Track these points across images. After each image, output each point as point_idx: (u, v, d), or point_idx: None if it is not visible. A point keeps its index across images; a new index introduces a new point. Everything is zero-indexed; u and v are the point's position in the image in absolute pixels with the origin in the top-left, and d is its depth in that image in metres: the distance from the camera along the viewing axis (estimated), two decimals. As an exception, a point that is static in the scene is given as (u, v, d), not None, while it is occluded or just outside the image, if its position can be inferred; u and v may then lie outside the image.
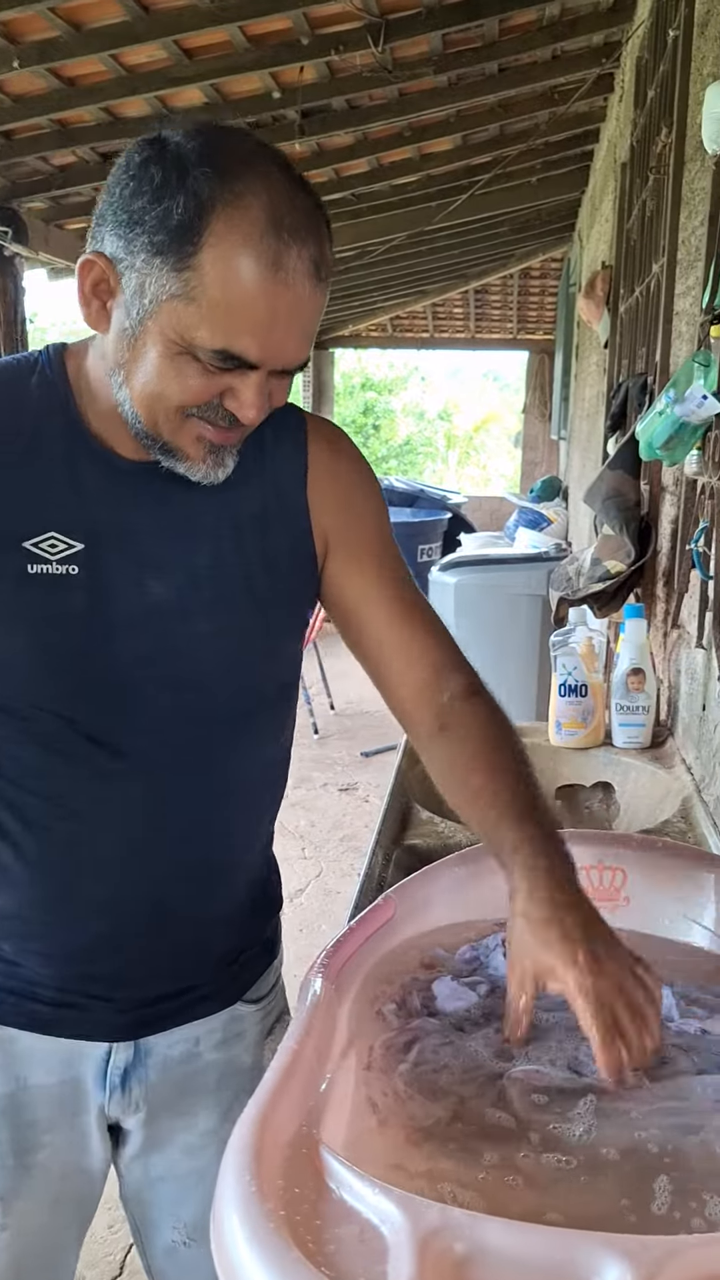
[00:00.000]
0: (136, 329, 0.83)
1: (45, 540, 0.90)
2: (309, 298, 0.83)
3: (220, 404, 0.86)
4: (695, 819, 1.60)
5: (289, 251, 0.80)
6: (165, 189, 0.79)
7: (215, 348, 0.81)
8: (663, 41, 2.45)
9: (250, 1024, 1.13)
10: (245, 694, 1.01)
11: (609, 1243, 0.57)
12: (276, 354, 0.83)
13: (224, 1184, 0.63)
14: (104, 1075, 1.04)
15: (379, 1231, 0.60)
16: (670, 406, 1.54)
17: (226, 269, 0.79)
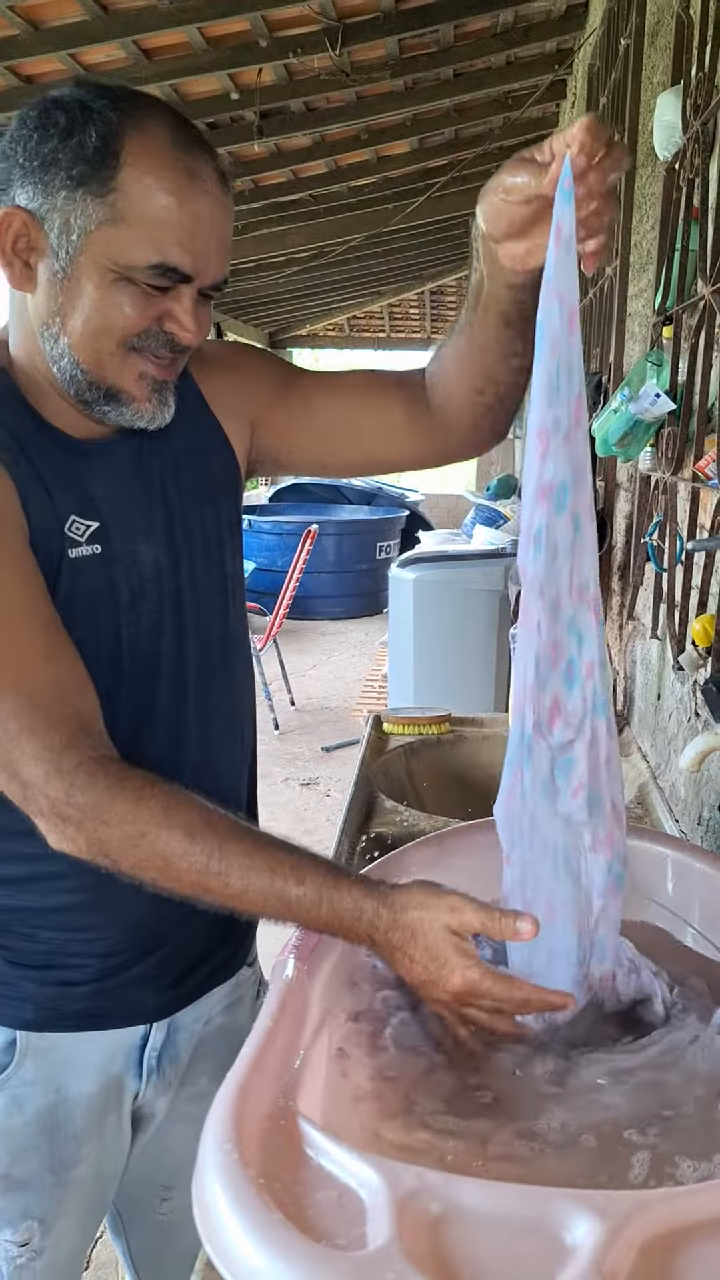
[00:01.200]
0: (68, 268, 0.85)
1: (71, 524, 0.91)
2: (222, 205, 0.86)
3: (160, 329, 0.87)
4: (651, 804, 1.64)
5: (198, 162, 0.84)
6: (72, 126, 0.82)
7: (150, 263, 0.83)
8: (614, 50, 2.50)
9: (248, 987, 1.16)
10: (232, 637, 1.06)
11: (578, 1198, 0.60)
12: (204, 264, 0.86)
13: (205, 1153, 0.65)
14: (140, 1062, 1.04)
15: (357, 1195, 0.62)
16: (625, 405, 1.58)
17: (148, 184, 0.82)
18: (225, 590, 1.05)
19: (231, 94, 3.77)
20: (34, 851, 0.86)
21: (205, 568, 1.02)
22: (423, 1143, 0.78)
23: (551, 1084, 0.84)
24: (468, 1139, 0.77)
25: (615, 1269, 0.55)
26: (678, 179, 1.56)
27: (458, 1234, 0.59)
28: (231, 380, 1.06)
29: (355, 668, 6.81)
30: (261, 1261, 0.56)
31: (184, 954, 1.05)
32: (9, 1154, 0.99)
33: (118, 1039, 1.03)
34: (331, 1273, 0.55)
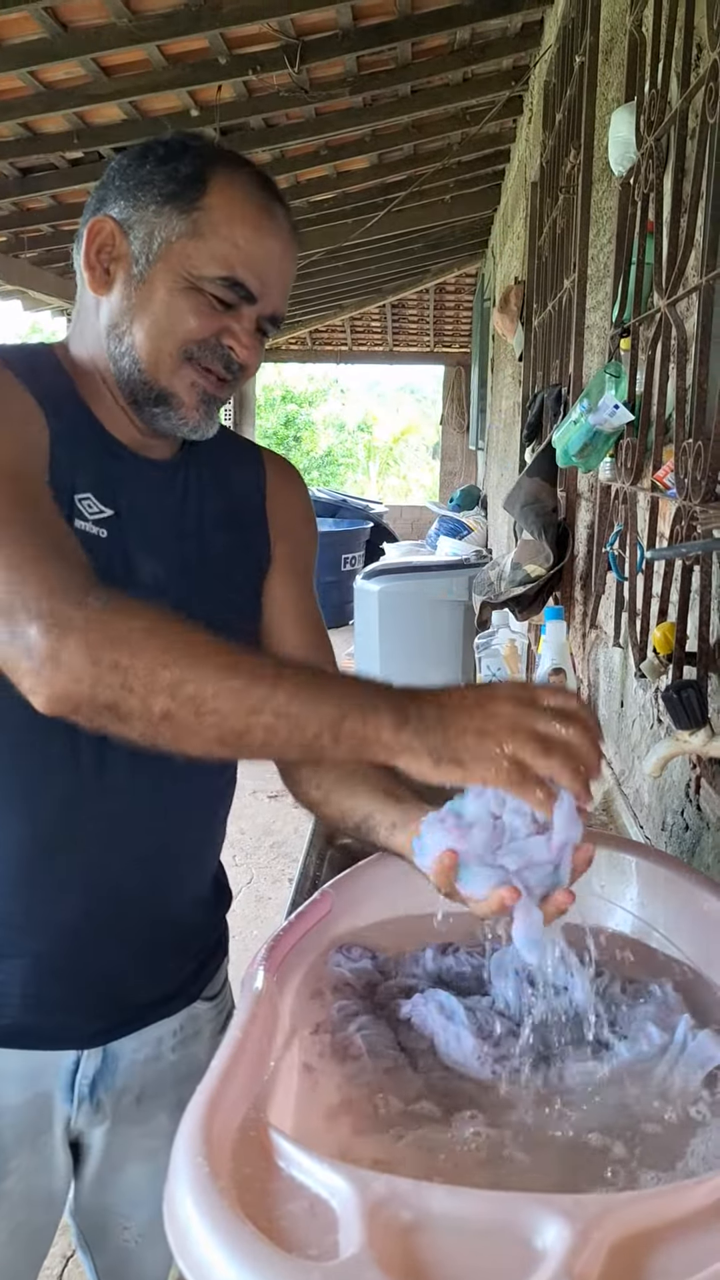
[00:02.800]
0: (146, 273, 0.93)
1: (84, 499, 0.95)
2: (290, 249, 0.96)
3: (219, 343, 0.94)
4: (616, 810, 1.66)
5: (276, 205, 0.95)
6: (170, 155, 0.93)
7: (221, 274, 0.92)
8: (569, 67, 2.54)
9: (206, 1021, 1.14)
10: None
11: (547, 1203, 0.60)
12: (268, 291, 0.94)
13: (177, 1167, 0.65)
14: (72, 1086, 1.04)
15: (328, 1204, 0.62)
16: (584, 416, 1.60)
17: (231, 207, 0.92)
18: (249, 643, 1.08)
19: (191, 110, 3.79)
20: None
21: (223, 622, 0.95)
22: (394, 1154, 0.78)
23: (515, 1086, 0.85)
24: (438, 1148, 0.77)
25: (586, 1271, 0.55)
26: (633, 194, 1.59)
27: (429, 1240, 0.59)
28: (289, 515, 1.13)
29: (322, 680, 6.79)
30: (234, 1274, 0.56)
31: (119, 979, 1.04)
32: None
33: (46, 1060, 1.02)
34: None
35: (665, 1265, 0.57)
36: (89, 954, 1.01)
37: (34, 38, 3.06)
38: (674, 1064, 0.88)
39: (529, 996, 0.97)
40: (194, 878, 1.12)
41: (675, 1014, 0.95)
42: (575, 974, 0.99)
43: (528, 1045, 0.91)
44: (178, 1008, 1.11)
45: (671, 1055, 0.90)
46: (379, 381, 20.59)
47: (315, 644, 1.14)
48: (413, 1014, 0.95)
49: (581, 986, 0.98)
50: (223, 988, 1.19)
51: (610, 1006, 0.98)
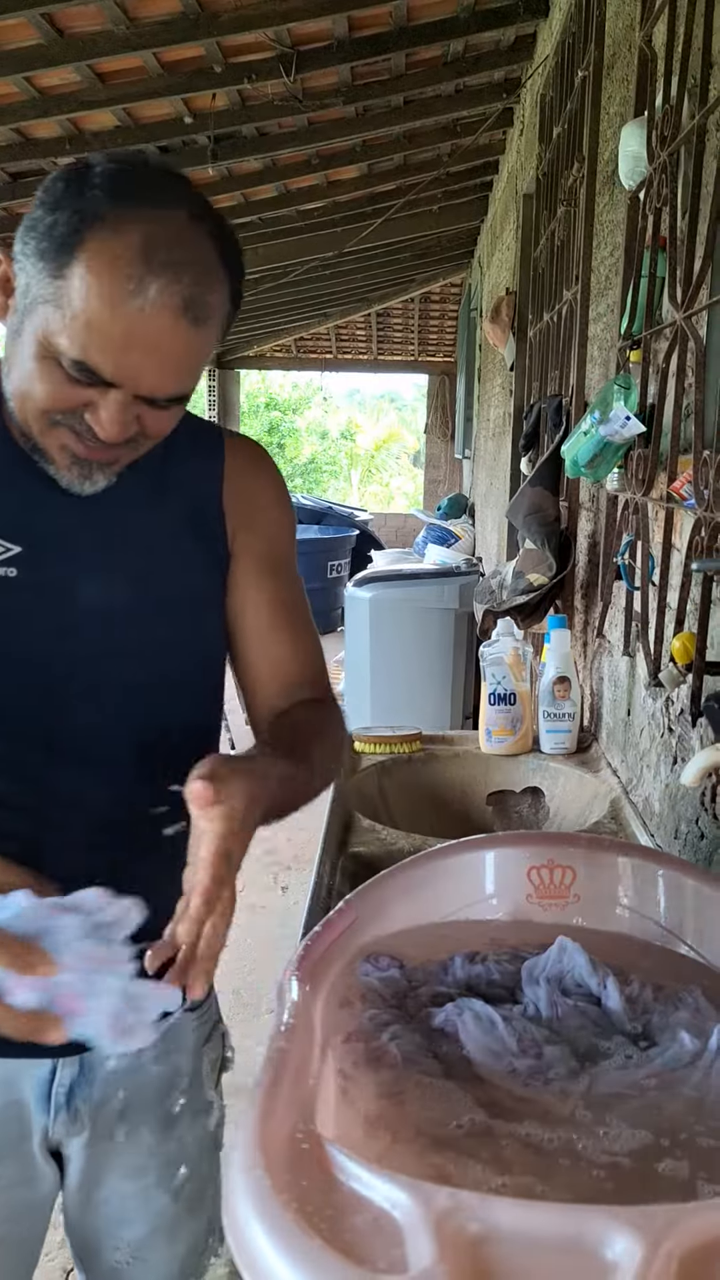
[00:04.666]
0: (19, 326, 0.86)
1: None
2: (173, 332, 0.83)
3: (82, 415, 0.87)
4: (625, 819, 1.66)
5: (154, 283, 0.81)
6: (60, 202, 0.83)
7: (72, 357, 0.83)
8: (569, 81, 2.56)
9: (188, 1032, 1.13)
10: (177, 697, 1.03)
11: (614, 1215, 0.60)
12: (133, 379, 0.84)
13: (234, 1181, 0.64)
14: (48, 1095, 1.02)
15: (392, 1217, 0.62)
16: (595, 427, 1.61)
17: (89, 284, 0.81)
18: (187, 681, 1.05)
19: (185, 118, 3.79)
20: None
21: (165, 646, 1.01)
22: (437, 1165, 0.77)
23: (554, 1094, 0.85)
24: (481, 1160, 0.77)
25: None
26: (644, 208, 1.60)
27: (498, 1253, 0.59)
28: (252, 506, 1.07)
29: (308, 688, 6.78)
30: (305, 1290, 0.56)
31: None
32: None
33: (19, 1067, 1.01)
34: (381, 1299, 0.54)
35: (734, 1275, 0.57)
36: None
37: (30, 43, 3.06)
38: (708, 1071, 0.89)
39: (561, 1004, 0.97)
40: (173, 887, 1.10)
41: (709, 1020, 0.96)
42: (608, 982, 0.99)
43: (562, 1054, 0.91)
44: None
45: (705, 1062, 0.90)
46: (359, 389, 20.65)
47: (284, 645, 1.08)
48: (446, 1023, 0.95)
49: (613, 995, 0.98)
50: (207, 998, 1.16)
51: (643, 1013, 0.98)
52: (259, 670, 1.10)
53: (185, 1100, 1.11)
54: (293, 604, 1.10)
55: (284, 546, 1.11)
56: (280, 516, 1.10)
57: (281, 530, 1.10)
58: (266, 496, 1.09)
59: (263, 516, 1.08)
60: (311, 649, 1.12)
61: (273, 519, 1.09)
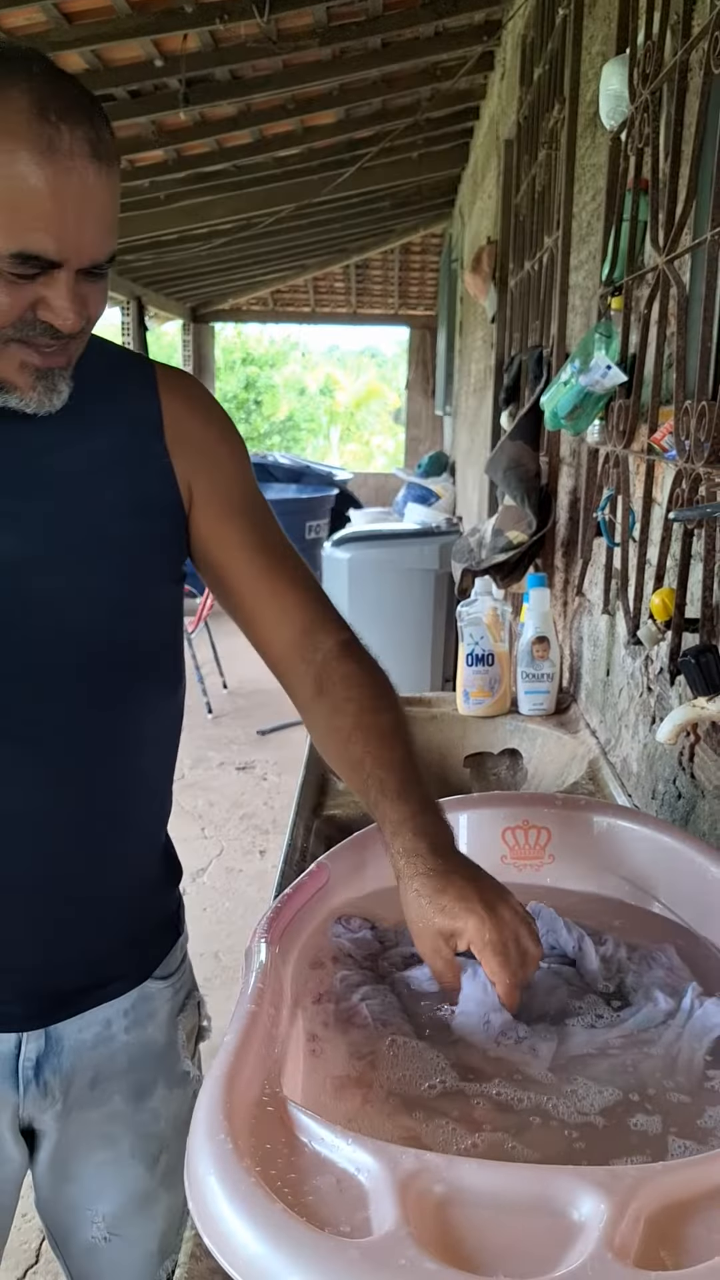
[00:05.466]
0: None
1: None
2: (94, 179, 0.77)
3: (36, 318, 0.81)
4: (603, 780, 1.66)
5: (61, 134, 0.75)
6: None
7: (11, 251, 0.76)
8: (550, 20, 2.49)
9: (161, 1002, 1.10)
10: (117, 650, 0.97)
11: (581, 1175, 0.59)
12: (75, 246, 0.78)
13: (197, 1144, 0.63)
14: (15, 1071, 1.00)
15: (356, 1179, 0.61)
16: (575, 377, 1.58)
17: (1, 165, 0.74)
18: (142, 606, 0.98)
19: (156, 61, 3.67)
20: None
21: (105, 582, 0.95)
22: (407, 1124, 0.77)
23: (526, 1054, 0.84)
24: (452, 1119, 0.76)
25: (625, 1243, 0.54)
26: (625, 149, 1.55)
27: (463, 1215, 0.58)
28: (196, 442, 1.00)
29: (288, 647, 6.76)
30: (266, 1253, 0.55)
31: (46, 963, 1.00)
32: None
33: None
34: (341, 1261, 0.53)
35: (702, 1235, 0.56)
36: (15, 938, 0.97)
37: (-7, -21, 2.94)
38: (680, 1031, 0.88)
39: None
40: (134, 860, 1.05)
41: (682, 980, 0.95)
42: (583, 944, 0.98)
43: (535, 1014, 0.90)
44: (122, 989, 1.06)
45: (679, 1022, 0.90)
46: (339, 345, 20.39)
47: (278, 589, 1.02)
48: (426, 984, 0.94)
49: (590, 955, 0.97)
50: (179, 966, 1.14)
51: (617, 972, 0.97)
52: (266, 620, 1.03)
53: (158, 1070, 1.10)
54: (275, 541, 1.04)
55: (246, 482, 1.04)
56: (233, 450, 1.04)
57: (239, 465, 1.04)
58: (214, 433, 1.02)
59: (216, 457, 1.01)
60: (309, 582, 1.05)
61: (226, 456, 1.02)
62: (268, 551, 1.03)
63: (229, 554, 1.01)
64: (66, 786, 0.96)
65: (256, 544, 1.02)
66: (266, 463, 9.18)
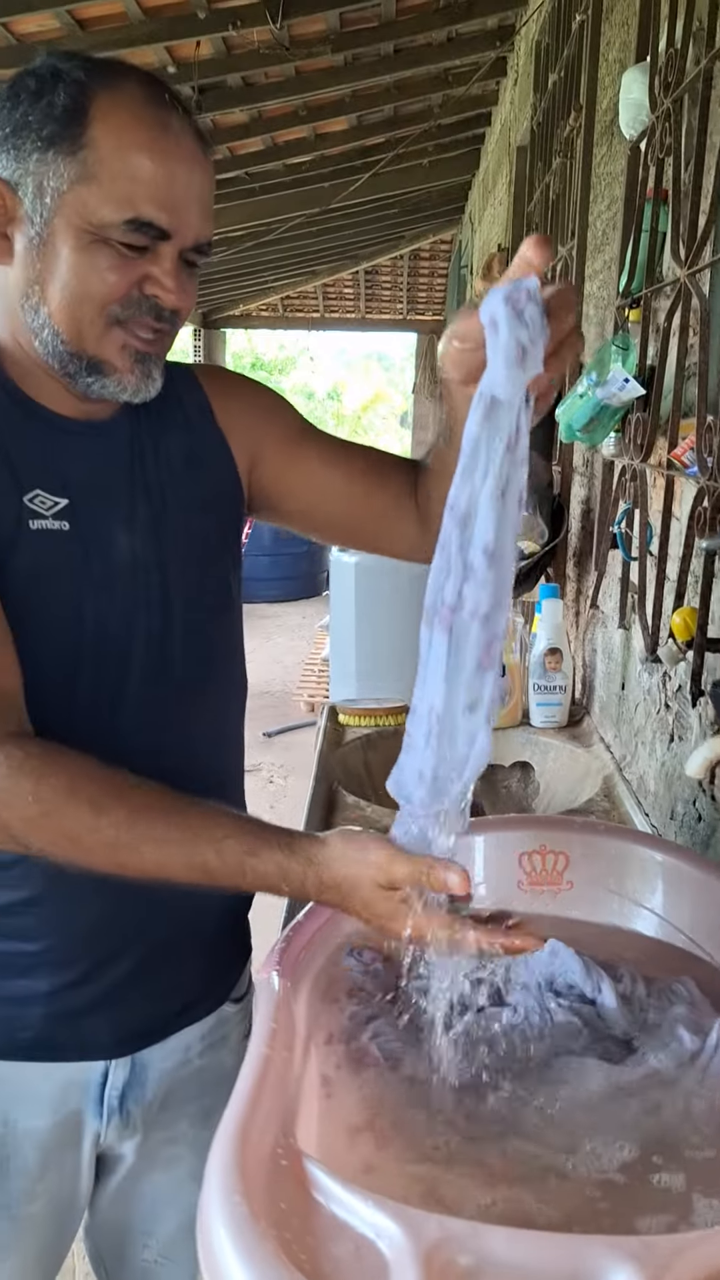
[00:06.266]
0: (44, 233, 0.82)
1: (34, 496, 0.88)
2: (200, 163, 0.84)
3: (141, 294, 0.84)
4: (618, 797, 1.62)
5: (172, 117, 0.82)
6: (42, 88, 0.81)
7: (125, 218, 0.81)
8: (566, 26, 2.46)
9: (234, 1025, 1.10)
10: (221, 649, 1.02)
11: (614, 1245, 0.56)
12: (181, 221, 0.83)
13: (210, 1206, 0.60)
14: (101, 1100, 0.99)
15: (376, 1247, 0.58)
16: (591, 389, 1.55)
17: (119, 137, 0.80)
18: (219, 600, 1.02)
19: (169, 67, 3.66)
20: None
21: (197, 573, 0.98)
22: (424, 1174, 0.74)
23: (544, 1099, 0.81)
24: (469, 1167, 0.73)
25: (663, 1321, 0.51)
26: (645, 159, 1.53)
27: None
28: (244, 410, 1.05)
29: (294, 652, 6.76)
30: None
31: (144, 986, 0.99)
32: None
33: (72, 1073, 0.97)
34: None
35: (743, 1311, 0.53)
36: (112, 960, 0.96)
37: (6, -14, 2.93)
38: (704, 1070, 0.85)
39: (555, 1008, 0.93)
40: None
41: (705, 1016, 0.92)
42: (602, 986, 0.95)
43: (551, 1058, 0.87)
44: (205, 1012, 1.06)
45: (703, 1061, 0.87)
46: (346, 349, 20.40)
47: (377, 468, 1.07)
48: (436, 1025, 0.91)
49: (609, 996, 0.94)
50: (248, 989, 1.14)
51: (640, 1011, 0.94)
52: (379, 487, 1.06)
53: (223, 1094, 1.08)
54: (341, 440, 1.09)
55: (297, 416, 1.09)
56: (276, 400, 1.09)
57: (286, 408, 1.09)
58: (250, 399, 1.07)
59: (266, 411, 1.06)
60: (368, 451, 1.09)
61: (272, 405, 1.07)
62: (348, 445, 1.09)
63: (318, 470, 1.05)
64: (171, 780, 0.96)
65: (337, 445, 1.08)
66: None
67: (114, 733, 0.92)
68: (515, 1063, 0.86)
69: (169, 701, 0.96)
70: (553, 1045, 0.89)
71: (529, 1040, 0.90)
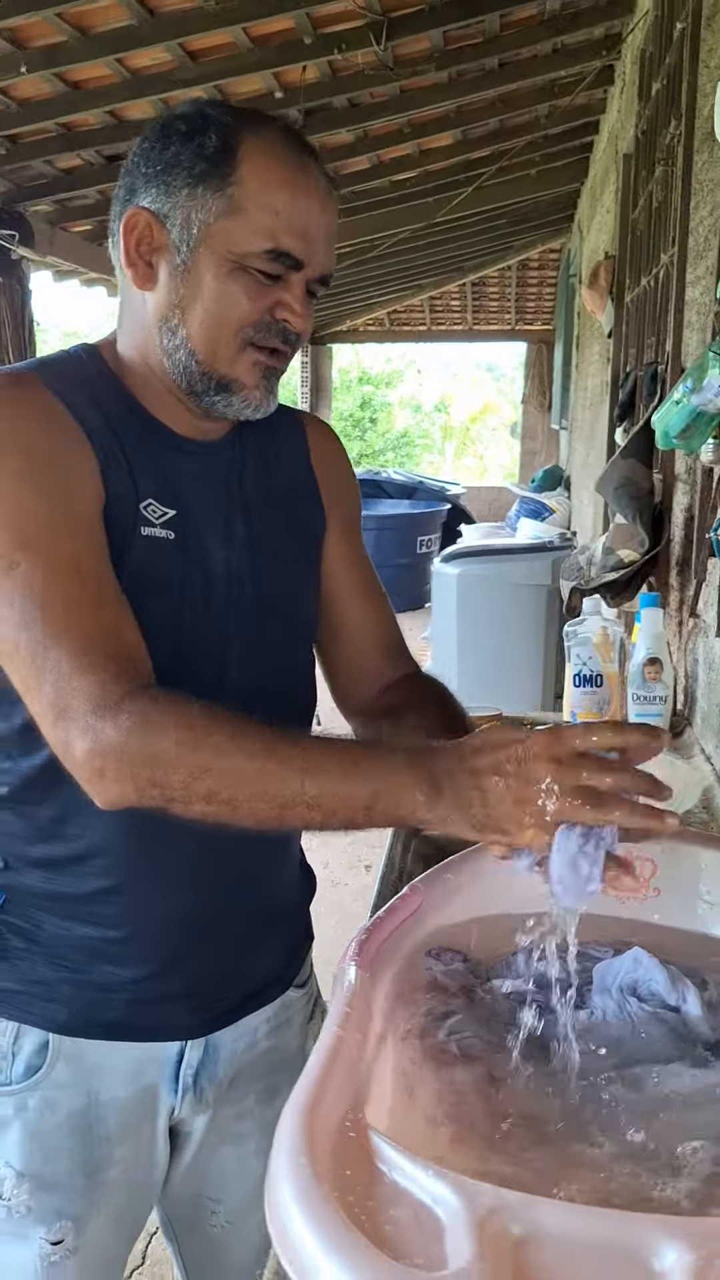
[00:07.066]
0: (189, 261, 0.91)
1: (148, 505, 0.95)
2: (329, 202, 0.94)
3: (273, 319, 0.92)
4: (717, 809, 1.60)
5: (308, 160, 0.92)
6: (193, 131, 0.90)
7: (266, 248, 0.89)
8: (668, 34, 2.45)
9: (297, 1009, 1.15)
10: (294, 658, 1.09)
11: (667, 1224, 0.58)
12: (313, 252, 0.92)
13: (278, 1168, 0.64)
14: (176, 1077, 1.05)
15: (434, 1213, 0.61)
16: (687, 396, 1.55)
17: (265, 174, 0.89)
18: (297, 627, 1.09)
19: (276, 92, 3.76)
20: (75, 831, 0.91)
21: (283, 596, 1.05)
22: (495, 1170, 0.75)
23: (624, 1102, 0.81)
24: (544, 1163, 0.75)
25: (709, 1297, 0.53)
26: (739, 164, 1.52)
27: (540, 1257, 0.57)
28: (335, 467, 1.14)
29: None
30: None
31: (220, 971, 1.04)
32: (41, 1154, 1.00)
33: (150, 1051, 1.03)
34: (415, 1297, 0.53)
35: None
36: (191, 949, 1.02)
37: (120, 25, 3.08)
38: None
39: (636, 1011, 0.94)
40: (286, 863, 1.12)
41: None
42: (687, 995, 0.95)
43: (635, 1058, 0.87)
44: (273, 996, 1.11)
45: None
46: (454, 360, 20.40)
47: (375, 609, 1.15)
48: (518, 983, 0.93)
49: (693, 1003, 0.94)
50: (310, 974, 1.19)
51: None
52: (362, 633, 1.14)
53: (289, 1074, 1.14)
54: (374, 574, 1.18)
55: (358, 514, 1.18)
56: (354, 487, 1.18)
57: (356, 499, 1.18)
58: (343, 469, 1.15)
59: (344, 487, 1.14)
60: (395, 618, 1.19)
61: (352, 495, 1.16)
62: (369, 582, 1.16)
63: (337, 576, 1.13)
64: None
65: (360, 574, 1.15)
66: (380, 479, 9.25)
67: None
68: (595, 1065, 0.87)
69: (255, 702, 1.01)
70: (634, 1049, 0.90)
71: (608, 1043, 0.91)
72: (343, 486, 1.14)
